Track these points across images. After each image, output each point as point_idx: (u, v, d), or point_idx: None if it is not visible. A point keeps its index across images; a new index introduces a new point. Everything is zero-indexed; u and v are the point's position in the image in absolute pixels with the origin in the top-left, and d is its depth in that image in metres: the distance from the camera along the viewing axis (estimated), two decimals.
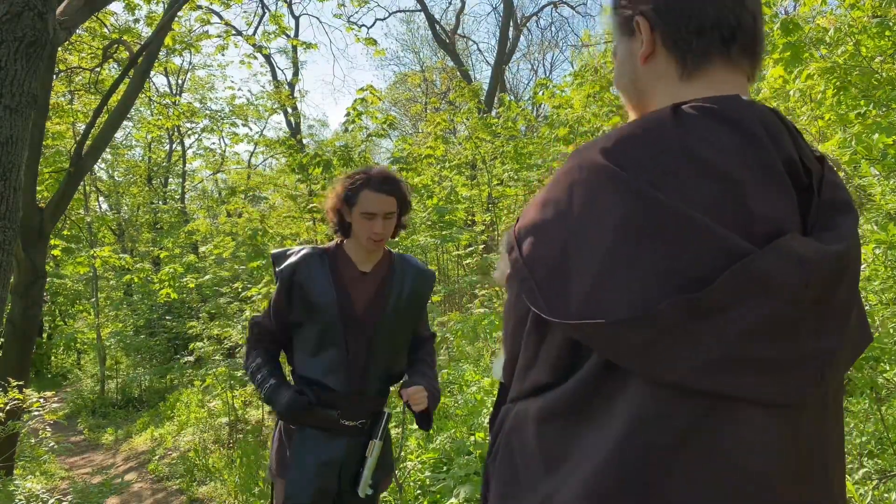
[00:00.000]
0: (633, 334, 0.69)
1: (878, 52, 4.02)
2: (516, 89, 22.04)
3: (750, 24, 0.84)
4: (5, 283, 3.18)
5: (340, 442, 2.05)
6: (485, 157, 7.58)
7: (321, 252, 2.10)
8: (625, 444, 0.71)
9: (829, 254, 0.72)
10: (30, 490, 4.54)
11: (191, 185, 19.84)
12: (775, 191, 0.74)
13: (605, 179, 0.74)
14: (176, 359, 11.46)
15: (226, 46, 9.96)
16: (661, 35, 0.85)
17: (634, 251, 0.71)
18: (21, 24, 3.07)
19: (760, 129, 0.76)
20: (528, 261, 0.79)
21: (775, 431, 0.72)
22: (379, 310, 2.07)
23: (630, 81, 0.91)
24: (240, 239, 8.37)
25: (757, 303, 0.69)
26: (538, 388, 0.81)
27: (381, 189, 2.01)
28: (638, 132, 0.77)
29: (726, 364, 0.69)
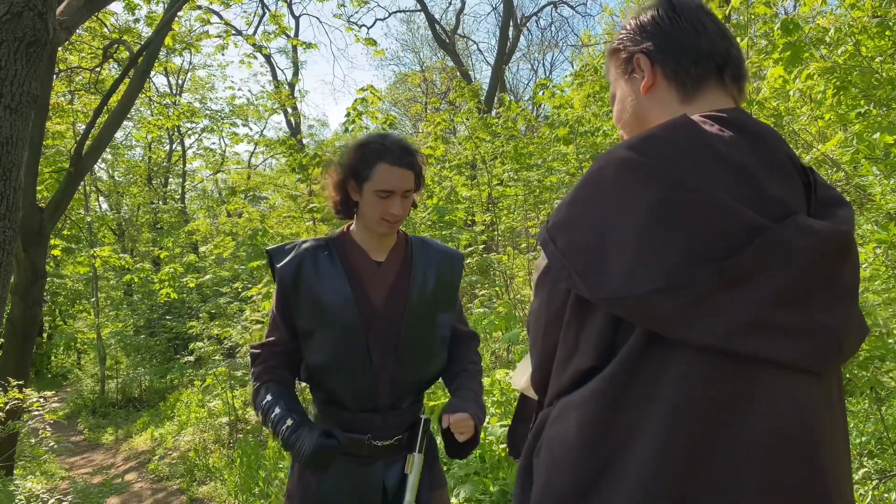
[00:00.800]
0: (671, 302, 0.76)
1: (878, 52, 4.01)
2: (516, 89, 22.05)
3: (736, 56, 0.97)
4: (5, 283, 3.18)
5: (376, 467, 1.71)
6: (485, 157, 7.58)
7: (325, 243, 1.75)
8: (674, 410, 0.78)
9: (839, 230, 0.81)
10: (30, 490, 4.54)
11: (191, 185, 19.84)
12: (784, 181, 0.84)
13: (635, 169, 0.82)
14: (176, 359, 11.47)
15: (226, 46, 9.96)
16: (662, 67, 0.96)
17: (667, 229, 0.78)
18: (21, 24, 3.07)
19: (765, 132, 0.88)
20: (566, 252, 0.85)
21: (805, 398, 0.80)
22: (402, 305, 1.71)
23: (632, 114, 1.00)
24: (240, 239, 8.38)
25: (780, 271, 0.77)
26: (582, 374, 0.85)
27: (400, 162, 1.65)
28: (658, 132, 0.86)
29: (757, 328, 0.76)
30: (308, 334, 1.69)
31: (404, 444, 1.74)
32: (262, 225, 8.39)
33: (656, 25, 0.96)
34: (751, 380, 0.78)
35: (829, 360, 0.81)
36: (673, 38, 0.96)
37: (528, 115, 8.80)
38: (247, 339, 6.87)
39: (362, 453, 1.70)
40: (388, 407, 1.71)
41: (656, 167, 0.81)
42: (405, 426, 1.75)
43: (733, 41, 0.97)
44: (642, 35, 0.98)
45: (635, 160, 0.82)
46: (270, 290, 5.79)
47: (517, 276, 7.29)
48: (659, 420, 0.78)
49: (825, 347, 0.80)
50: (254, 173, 19.57)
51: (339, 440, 1.62)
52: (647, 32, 0.97)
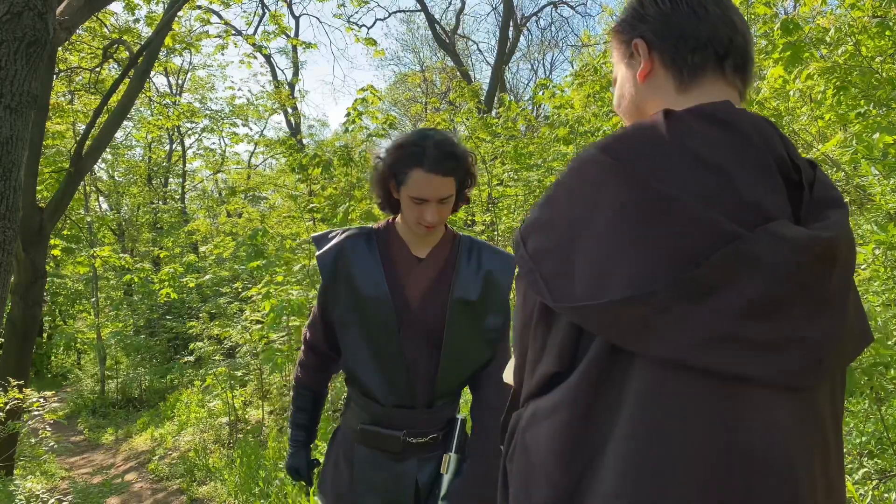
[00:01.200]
0: (631, 313, 0.73)
1: (878, 52, 4.02)
2: (516, 89, 22.05)
3: (741, 44, 0.91)
4: (5, 283, 3.18)
5: (410, 464, 1.69)
6: (485, 157, 7.58)
7: (368, 233, 1.71)
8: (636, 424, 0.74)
9: (817, 239, 0.75)
10: (30, 490, 4.54)
11: (191, 185, 19.84)
12: (765, 184, 0.79)
13: (605, 170, 0.79)
14: (176, 359, 11.47)
15: (226, 46, 9.97)
16: (659, 54, 0.92)
17: (633, 235, 0.75)
18: (21, 24, 3.07)
19: (751, 129, 0.82)
20: (534, 255, 0.83)
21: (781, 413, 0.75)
22: (440, 303, 1.65)
23: (630, 100, 0.97)
24: (240, 239, 8.37)
25: (749, 282, 0.72)
26: (547, 378, 0.83)
27: (437, 168, 1.55)
28: (633, 131, 0.82)
29: (722, 341, 0.72)
30: (344, 325, 1.68)
31: (439, 442, 1.71)
32: (262, 225, 8.39)
33: (656, 8, 0.92)
34: (717, 395, 0.73)
35: (806, 374, 0.75)
36: (672, 23, 0.91)
37: (528, 115, 8.80)
38: (247, 339, 6.88)
39: (396, 449, 1.67)
40: (424, 404, 1.67)
41: (626, 170, 0.78)
42: (441, 425, 1.71)
43: (739, 28, 0.92)
44: (642, 18, 0.94)
45: (606, 162, 0.79)
46: (271, 289, 5.79)
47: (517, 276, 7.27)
48: (622, 436, 0.75)
49: (801, 362, 0.75)
50: (254, 173, 19.57)
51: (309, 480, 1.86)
52: (647, 16, 0.93)
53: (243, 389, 7.91)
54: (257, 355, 6.96)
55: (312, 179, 6.80)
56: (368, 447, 1.69)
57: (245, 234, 8.29)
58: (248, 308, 6.98)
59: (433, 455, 1.70)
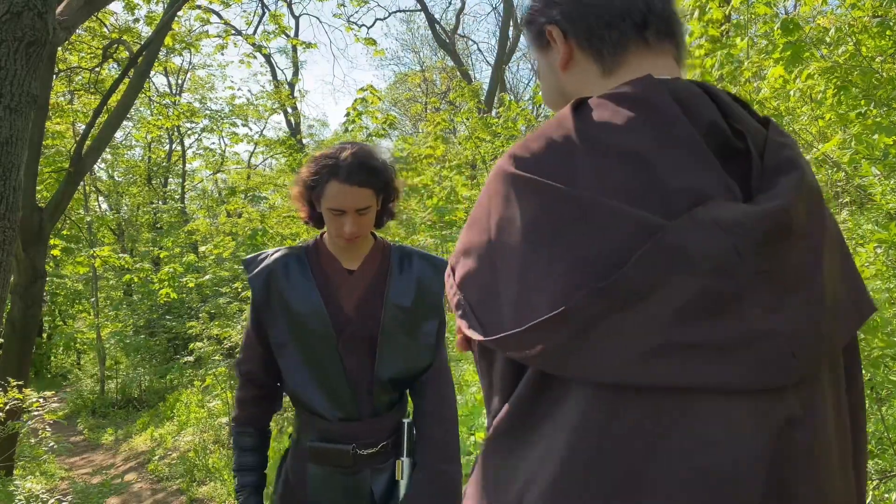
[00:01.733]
0: (553, 336, 0.64)
1: (879, 52, 4.02)
2: (516, 89, 22.05)
3: (660, 7, 0.82)
4: (5, 283, 3.17)
5: (364, 475, 1.68)
6: (485, 157, 7.58)
7: (298, 252, 1.73)
8: (570, 456, 0.65)
9: (763, 214, 0.65)
10: (30, 490, 4.54)
11: (191, 185, 19.84)
12: (692, 161, 0.69)
13: (512, 184, 0.72)
14: (176, 359, 11.46)
15: (225, 46, 9.97)
16: (575, 38, 0.83)
17: (548, 248, 0.67)
18: (21, 23, 3.07)
19: (666, 102, 0.72)
20: (461, 284, 0.75)
21: (747, 420, 0.64)
22: (376, 312, 1.67)
23: (557, 93, 0.88)
24: (240, 239, 8.37)
25: (681, 281, 0.63)
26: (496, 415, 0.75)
27: (351, 180, 1.57)
28: (540, 133, 0.75)
29: (663, 352, 0.62)
30: (282, 345, 1.67)
31: (390, 449, 1.71)
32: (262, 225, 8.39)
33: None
34: (670, 413, 0.63)
35: (778, 372, 0.64)
36: (580, 2, 0.82)
37: (528, 115, 8.80)
38: None
39: (348, 463, 1.66)
40: (370, 414, 1.68)
41: (531, 179, 0.70)
42: (389, 432, 1.72)
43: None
44: (550, 3, 0.85)
45: (511, 173, 0.72)
46: None
47: None
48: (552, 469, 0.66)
49: (770, 361, 0.64)
50: (254, 173, 19.56)
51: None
52: (553, 1, 0.84)
53: None
54: None
55: None
56: (320, 465, 1.68)
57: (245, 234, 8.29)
58: (247, 308, 6.97)
59: (386, 464, 1.71)
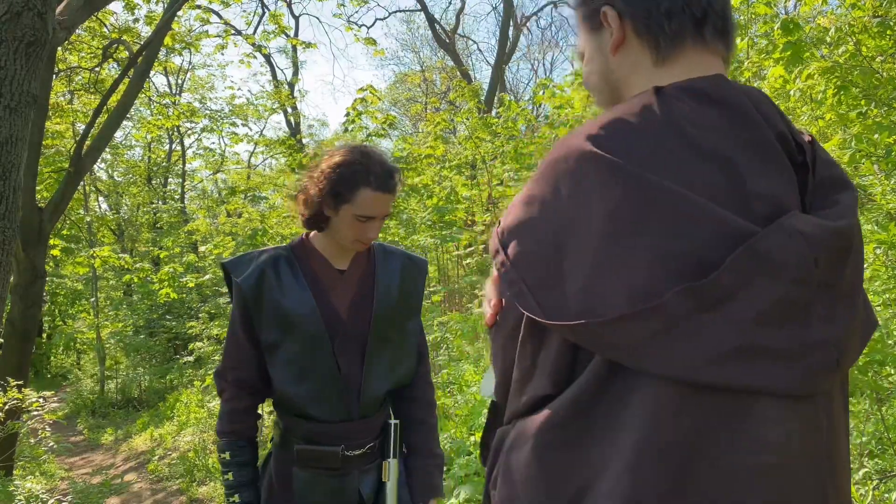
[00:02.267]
0: (637, 330, 0.65)
1: (879, 52, 4.01)
2: (516, 89, 22.06)
3: (720, 5, 0.81)
4: (5, 283, 3.17)
5: (352, 477, 1.68)
6: (485, 157, 7.57)
7: (285, 252, 1.70)
8: (641, 449, 0.66)
9: (835, 230, 0.68)
10: (29, 490, 4.53)
11: (191, 185, 19.84)
12: (771, 168, 0.70)
13: (594, 165, 0.70)
14: (176, 359, 11.47)
15: (225, 46, 9.96)
16: (632, 22, 0.81)
17: (631, 239, 0.66)
18: (21, 23, 3.07)
19: (749, 107, 0.73)
20: (517, 262, 0.73)
21: (794, 424, 0.68)
22: (366, 314, 1.67)
23: (601, 77, 0.86)
24: (240, 239, 8.37)
25: (765, 286, 0.64)
26: (538, 401, 0.75)
27: (384, 187, 1.59)
28: (623, 115, 0.73)
29: (738, 354, 0.64)
30: (273, 347, 1.64)
31: (377, 451, 1.71)
32: (262, 225, 8.39)
33: None
34: (734, 413, 0.66)
35: (824, 379, 0.68)
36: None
37: (529, 115, 8.80)
38: None
39: (336, 465, 1.65)
40: (358, 415, 1.67)
41: (618, 163, 0.68)
42: (376, 433, 1.72)
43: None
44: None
45: (594, 155, 0.70)
46: None
47: None
48: (625, 460, 0.66)
49: (820, 367, 0.67)
50: (254, 173, 19.56)
51: None
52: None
53: None
54: None
55: None
56: (306, 468, 1.66)
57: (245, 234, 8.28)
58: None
59: (372, 465, 1.71)
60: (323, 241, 1.71)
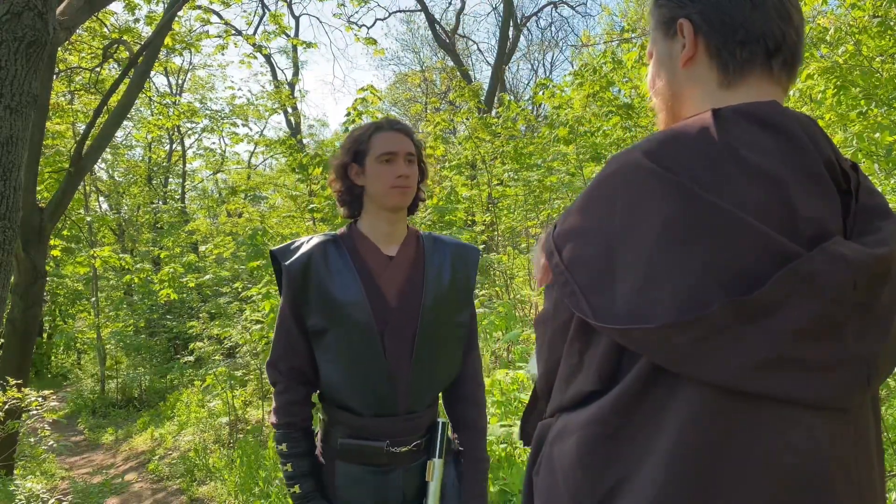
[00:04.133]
0: (682, 337, 0.69)
1: (879, 52, 4.01)
2: (516, 89, 22.05)
3: (793, 40, 0.84)
4: (5, 283, 3.17)
5: (395, 475, 1.62)
6: (485, 157, 7.57)
7: (334, 238, 1.67)
8: (677, 447, 0.70)
9: (875, 257, 0.72)
10: (30, 490, 4.53)
11: (191, 185, 19.85)
12: (819, 193, 0.74)
13: (650, 179, 0.74)
14: (176, 359, 11.47)
15: (226, 46, 9.95)
16: (705, 41, 0.84)
17: (681, 250, 0.70)
18: (21, 23, 3.07)
19: (801, 133, 0.77)
20: (571, 265, 0.77)
21: (824, 434, 0.72)
22: (416, 302, 1.62)
23: (666, 83, 0.89)
24: (240, 239, 8.37)
25: (805, 304, 0.68)
26: (583, 396, 0.79)
27: (395, 127, 1.66)
28: (681, 134, 0.76)
29: (774, 365, 0.68)
30: (320, 333, 1.60)
31: (423, 449, 1.66)
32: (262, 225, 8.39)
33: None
34: (765, 419, 0.70)
35: (855, 393, 0.73)
36: (723, 8, 0.82)
37: (528, 114, 8.80)
38: (246, 339, 6.87)
39: (381, 461, 1.60)
40: (406, 411, 1.62)
41: (672, 178, 0.72)
42: (423, 431, 1.66)
43: (794, 21, 0.83)
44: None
45: (649, 168, 0.74)
46: (271, 289, 5.78)
47: (517, 276, 7.28)
48: (660, 457, 0.71)
49: (852, 382, 0.72)
50: (254, 173, 19.57)
51: None
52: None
53: (243, 389, 7.91)
54: (257, 355, 6.96)
55: (312, 179, 6.80)
56: (349, 462, 1.62)
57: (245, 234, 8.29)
58: (248, 308, 6.98)
59: (416, 463, 1.65)
60: (368, 224, 1.68)
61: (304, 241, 1.68)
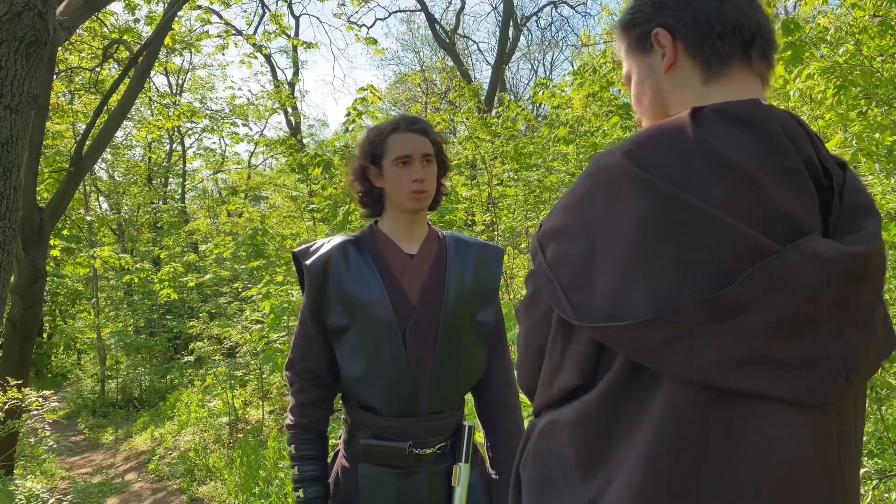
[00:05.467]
0: (654, 335, 0.70)
1: (880, 52, 4.02)
2: (516, 89, 22.04)
3: (767, 27, 0.86)
4: (5, 283, 3.18)
5: (419, 478, 1.58)
6: (485, 157, 7.58)
7: (354, 238, 1.67)
8: (656, 441, 0.72)
9: (850, 254, 0.73)
10: (30, 490, 4.54)
11: (191, 185, 19.85)
12: (796, 191, 0.75)
13: (626, 179, 0.75)
14: (176, 359, 11.47)
15: (226, 46, 9.96)
16: (684, 43, 0.86)
17: (655, 249, 0.71)
18: (21, 23, 3.07)
19: (779, 131, 0.77)
20: (553, 264, 0.79)
21: (802, 430, 0.73)
22: (439, 300, 1.60)
23: (652, 96, 0.91)
24: (240, 239, 8.38)
25: (778, 301, 0.69)
26: (567, 391, 0.80)
27: (411, 127, 1.62)
28: (658, 134, 0.78)
29: (749, 362, 0.69)
30: (340, 332, 1.59)
31: (448, 453, 1.62)
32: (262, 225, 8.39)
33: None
34: (743, 414, 0.71)
35: (832, 390, 0.73)
36: (695, 7, 0.85)
37: (528, 114, 8.80)
38: (247, 339, 6.88)
39: (403, 463, 1.57)
40: (429, 411, 1.58)
41: (648, 178, 0.73)
42: (448, 433, 1.62)
43: (761, 9, 0.86)
44: (659, 5, 0.87)
45: (627, 168, 0.75)
46: (271, 289, 5.78)
47: (517, 276, 7.28)
48: (639, 452, 0.72)
49: (829, 379, 0.72)
50: (254, 173, 19.57)
51: None
52: (665, 2, 0.87)
53: (243, 389, 7.91)
54: (257, 355, 6.96)
55: (313, 179, 6.80)
56: (373, 464, 1.59)
57: (245, 234, 8.29)
58: (248, 308, 6.98)
59: (442, 467, 1.61)
60: (389, 223, 1.67)
61: (324, 242, 1.67)
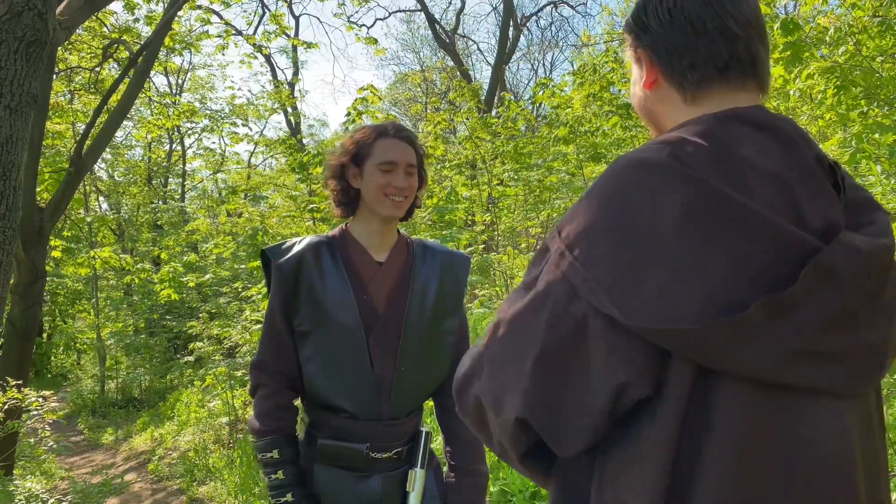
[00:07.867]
0: (720, 336, 0.69)
1: (879, 52, 4.01)
2: (516, 89, 22.04)
3: (743, 53, 0.86)
4: (5, 283, 3.17)
5: (374, 481, 1.60)
6: (485, 157, 7.58)
7: (326, 240, 1.66)
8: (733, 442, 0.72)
9: (884, 246, 0.76)
10: (29, 490, 4.53)
11: (191, 184, 19.85)
12: (819, 188, 0.77)
13: (665, 171, 0.74)
14: (176, 359, 11.45)
15: (226, 46, 9.95)
16: (660, 67, 0.90)
17: (706, 246, 0.70)
18: (21, 23, 3.07)
19: (793, 132, 0.81)
20: (588, 264, 0.74)
21: (845, 420, 0.75)
22: (402, 308, 1.63)
23: (640, 101, 0.96)
24: (240, 239, 8.38)
25: (827, 296, 0.71)
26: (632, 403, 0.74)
27: (399, 135, 1.63)
28: (688, 135, 0.78)
29: (801, 356, 0.71)
30: (306, 334, 1.60)
31: (404, 457, 1.64)
32: (262, 225, 8.40)
33: (656, 20, 0.89)
34: (797, 408, 0.73)
35: (869, 380, 0.76)
36: (668, 39, 0.87)
37: (528, 114, 8.80)
38: (247, 339, 6.87)
39: (359, 465, 1.59)
40: (388, 416, 1.60)
41: (690, 171, 0.73)
42: (405, 438, 1.64)
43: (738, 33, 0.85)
44: (644, 28, 0.91)
45: (666, 163, 0.74)
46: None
47: (517, 276, 7.28)
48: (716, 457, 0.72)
49: (866, 369, 0.75)
50: (254, 173, 19.57)
51: None
52: (649, 27, 0.90)
53: (243, 389, 7.90)
54: None
55: (312, 179, 6.80)
56: (328, 465, 1.59)
57: (245, 234, 8.29)
58: (248, 308, 6.98)
59: (397, 471, 1.63)
60: (360, 228, 1.68)
61: (296, 242, 1.67)
